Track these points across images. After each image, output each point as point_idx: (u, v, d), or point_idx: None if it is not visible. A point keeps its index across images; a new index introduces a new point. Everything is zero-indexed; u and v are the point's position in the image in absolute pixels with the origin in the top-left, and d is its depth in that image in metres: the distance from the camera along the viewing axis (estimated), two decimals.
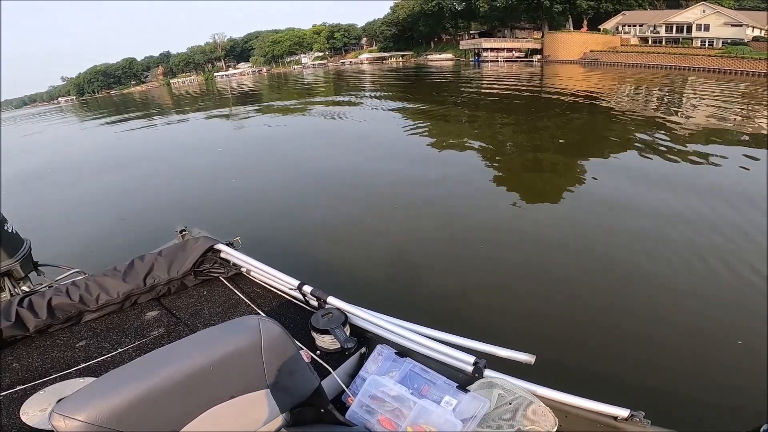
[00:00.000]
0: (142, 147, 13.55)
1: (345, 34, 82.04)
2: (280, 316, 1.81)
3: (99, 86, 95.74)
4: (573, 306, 3.28)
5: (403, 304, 3.32)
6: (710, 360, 2.66)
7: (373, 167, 7.85)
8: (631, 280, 3.60)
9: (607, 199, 5.55)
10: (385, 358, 1.50)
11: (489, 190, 6.46)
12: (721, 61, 28.52)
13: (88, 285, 1.84)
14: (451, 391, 1.39)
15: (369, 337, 1.64)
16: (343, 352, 1.55)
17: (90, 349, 1.68)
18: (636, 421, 1.20)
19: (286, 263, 2.66)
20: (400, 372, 1.46)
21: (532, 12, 45.41)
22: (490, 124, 12.14)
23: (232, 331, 1.02)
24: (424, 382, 1.46)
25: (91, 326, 1.83)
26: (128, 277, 1.92)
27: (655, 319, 3.04)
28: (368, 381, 1.38)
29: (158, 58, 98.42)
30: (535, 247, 4.36)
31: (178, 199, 7.06)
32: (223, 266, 2.15)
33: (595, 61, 38.37)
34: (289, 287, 1.90)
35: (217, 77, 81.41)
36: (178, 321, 1.84)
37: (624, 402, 1.24)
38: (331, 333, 1.53)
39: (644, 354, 2.71)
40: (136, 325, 1.82)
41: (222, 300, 1.97)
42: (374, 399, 1.35)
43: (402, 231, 5.00)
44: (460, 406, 1.34)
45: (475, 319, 3.14)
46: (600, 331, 2.98)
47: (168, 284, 2.01)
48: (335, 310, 1.66)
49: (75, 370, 1.56)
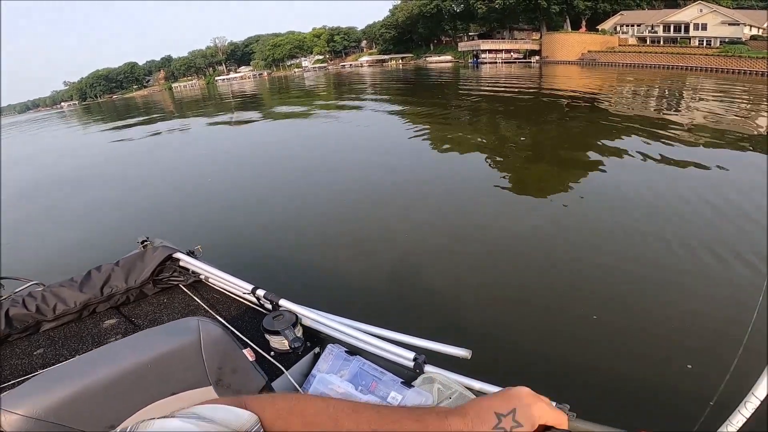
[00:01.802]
0: (125, 158, 13.13)
1: (345, 37, 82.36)
2: (237, 320, 1.86)
3: (101, 91, 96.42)
4: (511, 303, 3.43)
5: (354, 304, 3.44)
6: (642, 353, 2.76)
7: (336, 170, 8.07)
8: (577, 274, 3.77)
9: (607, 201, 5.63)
10: (336, 356, 1.57)
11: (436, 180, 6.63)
12: (718, 61, 28.54)
13: (44, 296, 1.88)
14: (397, 386, 1.46)
15: (322, 338, 1.70)
16: (296, 353, 1.61)
17: (47, 356, 1.71)
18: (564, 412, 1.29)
19: (243, 269, 2.76)
20: (350, 370, 1.54)
21: (530, 13, 45.55)
22: (478, 129, 12.23)
23: (171, 332, 1.09)
24: (372, 378, 1.53)
25: (49, 335, 1.86)
26: (85, 287, 1.96)
27: (583, 315, 3.16)
28: (317, 379, 1.47)
29: (160, 62, 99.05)
30: (494, 245, 4.50)
31: (155, 210, 7.10)
32: (183, 274, 2.19)
33: (593, 61, 38.42)
34: (244, 291, 1.95)
35: (219, 81, 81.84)
36: (136, 328, 1.87)
37: (553, 396, 1.35)
38: (281, 334, 1.58)
39: (575, 349, 2.82)
40: (94, 333, 1.85)
41: (181, 307, 2.02)
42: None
43: (356, 233, 5.12)
44: (405, 401, 1.41)
45: (417, 315, 3.28)
46: (534, 326, 3.11)
47: (126, 293, 2.05)
48: (286, 312, 1.72)
49: (32, 376, 1.56)
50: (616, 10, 42.95)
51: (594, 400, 2.26)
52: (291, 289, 2.35)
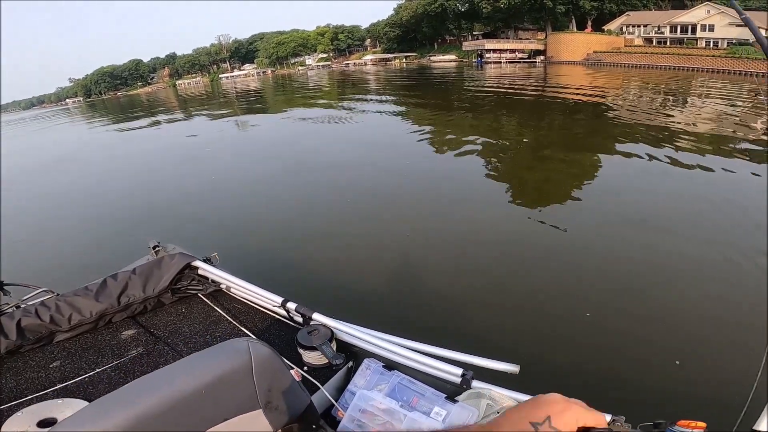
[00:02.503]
0: (127, 157, 12.79)
1: (349, 36, 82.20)
2: (265, 333, 1.82)
3: (106, 87, 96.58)
4: (556, 315, 3.34)
5: (389, 317, 3.35)
6: (698, 363, 2.72)
7: (356, 175, 7.77)
8: (621, 284, 3.68)
9: (615, 209, 5.54)
10: (373, 371, 1.54)
11: (475, 197, 6.35)
12: (725, 62, 28.37)
13: (58, 305, 1.82)
14: (440, 402, 1.43)
15: (356, 352, 1.67)
16: (331, 367, 1.57)
17: (65, 369, 1.66)
18: (618, 425, 1.25)
19: (263, 277, 2.67)
20: (388, 385, 1.51)
21: (535, 13, 45.33)
22: (481, 129, 12.17)
23: (221, 354, 1.04)
24: (413, 394, 1.49)
25: (64, 346, 1.80)
26: (101, 296, 1.89)
27: (634, 327, 3.11)
28: (358, 395, 1.42)
29: (164, 59, 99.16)
30: (521, 255, 4.38)
31: (169, 207, 6.91)
32: (202, 283, 2.12)
33: (599, 61, 38.23)
34: (273, 304, 1.89)
35: (222, 78, 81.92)
36: (157, 339, 1.82)
37: (606, 407, 1.31)
38: (318, 349, 1.55)
39: (626, 360, 2.78)
40: (112, 345, 1.80)
41: (202, 317, 1.95)
42: (364, 413, 1.39)
43: (387, 245, 4.85)
44: (449, 416, 1.38)
45: (460, 330, 3.19)
46: (581, 338, 3.05)
47: (144, 302, 1.98)
48: (321, 326, 1.68)
49: (51, 391, 1.54)
50: (623, 10, 42.71)
51: (651, 410, 2.22)
52: (318, 301, 2.29)
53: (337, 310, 1.89)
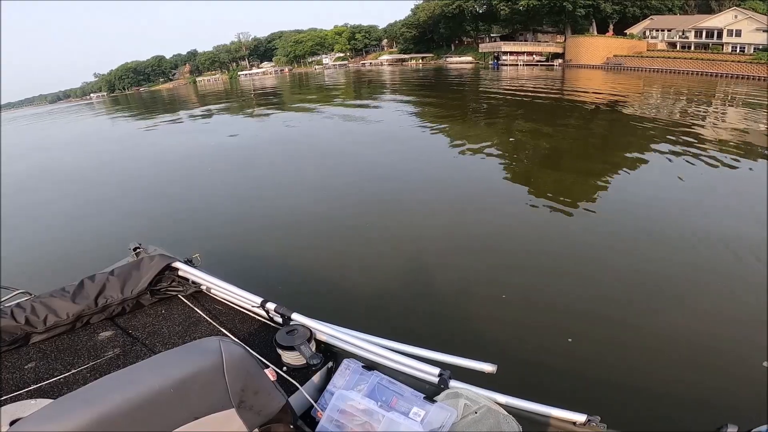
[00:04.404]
0: (121, 155, 12.71)
1: (366, 36, 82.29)
2: (244, 334, 1.80)
3: (129, 83, 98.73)
4: (531, 316, 3.37)
5: (368, 317, 3.37)
6: (666, 365, 2.72)
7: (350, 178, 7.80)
8: (601, 290, 3.70)
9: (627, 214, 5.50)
10: (353, 371, 1.56)
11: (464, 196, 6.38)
12: (751, 68, 27.48)
13: (34, 306, 1.79)
14: (419, 402, 1.45)
15: (335, 352, 1.67)
16: (310, 368, 1.57)
17: (40, 370, 1.64)
18: (593, 425, 1.26)
19: (244, 278, 2.69)
20: (368, 385, 1.53)
21: (554, 16, 44.60)
22: (495, 132, 12.07)
23: (192, 353, 1.03)
24: (393, 394, 1.51)
25: (40, 347, 1.77)
26: (78, 297, 1.86)
27: (611, 330, 3.12)
28: (336, 395, 1.45)
29: (186, 56, 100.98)
30: (501, 256, 4.41)
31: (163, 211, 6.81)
32: (182, 284, 2.09)
33: (619, 65, 37.45)
34: (252, 305, 1.88)
35: (241, 76, 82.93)
36: (134, 341, 1.79)
37: (582, 407, 1.32)
38: (296, 349, 1.55)
39: (601, 362, 2.79)
40: (89, 346, 1.77)
41: (181, 319, 1.93)
42: (343, 413, 1.40)
43: (366, 246, 4.88)
44: (428, 416, 1.40)
45: (438, 330, 3.22)
46: (558, 338, 3.06)
47: (122, 304, 1.95)
48: (300, 326, 1.67)
49: (26, 392, 1.52)
50: (647, 14, 41.70)
51: (627, 410, 2.22)
52: (298, 302, 2.31)
53: (317, 310, 1.89)
